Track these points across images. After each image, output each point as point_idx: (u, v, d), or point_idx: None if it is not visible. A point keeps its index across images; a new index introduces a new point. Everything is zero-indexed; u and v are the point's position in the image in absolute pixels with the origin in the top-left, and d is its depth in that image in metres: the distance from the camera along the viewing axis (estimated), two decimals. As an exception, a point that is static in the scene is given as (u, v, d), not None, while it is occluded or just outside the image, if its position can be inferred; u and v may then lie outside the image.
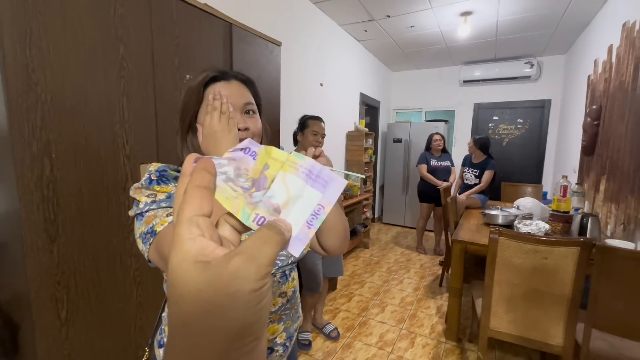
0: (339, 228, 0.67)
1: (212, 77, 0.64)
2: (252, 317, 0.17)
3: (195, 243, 0.18)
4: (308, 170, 0.25)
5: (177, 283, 0.17)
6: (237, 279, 0.17)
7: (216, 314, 0.16)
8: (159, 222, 0.53)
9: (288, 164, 0.26)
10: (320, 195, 0.25)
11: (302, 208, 0.24)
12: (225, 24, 1.50)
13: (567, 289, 1.42)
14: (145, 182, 0.57)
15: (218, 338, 0.16)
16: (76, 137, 1.00)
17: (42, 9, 0.90)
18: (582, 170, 3.05)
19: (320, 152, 0.59)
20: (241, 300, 0.16)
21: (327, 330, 2.15)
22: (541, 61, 4.38)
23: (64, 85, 0.96)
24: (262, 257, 0.18)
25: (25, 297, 0.95)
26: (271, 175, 0.26)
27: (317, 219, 0.24)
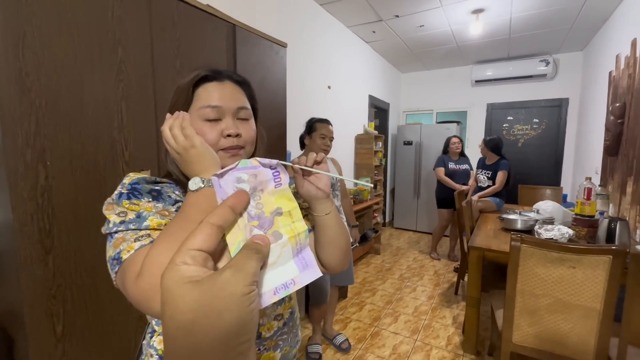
0: (340, 242, 0.61)
1: (204, 76, 0.58)
2: (245, 317, 0.19)
3: (188, 268, 0.20)
4: (300, 247, 0.28)
5: (171, 299, 0.19)
6: (229, 285, 0.19)
7: (215, 315, 0.18)
8: (125, 247, 0.48)
9: (295, 238, 0.28)
10: (298, 273, 0.27)
11: (278, 274, 0.26)
12: (229, 25, 1.46)
13: (598, 301, 1.30)
14: (115, 197, 0.52)
15: (219, 336, 0.18)
16: (72, 143, 0.96)
17: (36, 11, 0.86)
18: (606, 172, 2.90)
19: (322, 158, 0.54)
20: (235, 302, 0.19)
21: (337, 341, 2.06)
22: (557, 59, 4.23)
23: (59, 90, 0.92)
24: (247, 268, 0.21)
25: (19, 311, 0.91)
26: (277, 225, 0.28)
27: (284, 290, 0.26)
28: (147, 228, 0.49)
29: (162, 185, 0.56)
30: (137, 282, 0.43)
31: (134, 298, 0.44)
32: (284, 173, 0.29)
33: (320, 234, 0.62)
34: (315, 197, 0.58)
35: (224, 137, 0.57)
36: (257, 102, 0.66)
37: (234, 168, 0.29)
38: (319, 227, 0.61)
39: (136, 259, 0.45)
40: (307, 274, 0.28)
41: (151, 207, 0.51)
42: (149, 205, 0.51)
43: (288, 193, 0.29)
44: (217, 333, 0.18)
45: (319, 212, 0.59)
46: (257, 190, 0.29)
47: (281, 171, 0.29)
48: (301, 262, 0.28)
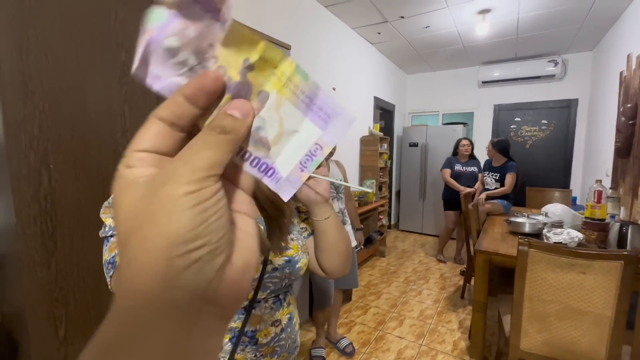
0: (339, 247, 0.60)
1: None
2: (191, 220, 0.15)
3: (131, 172, 0.17)
4: (309, 97, 0.20)
5: (116, 212, 0.17)
6: (167, 184, 0.15)
7: (147, 223, 0.15)
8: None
9: (286, 85, 0.20)
10: (320, 133, 0.20)
11: (296, 146, 0.20)
12: (232, 27, 1.46)
13: (609, 308, 1.27)
14: (111, 201, 0.51)
15: (153, 247, 0.15)
16: (75, 146, 0.96)
17: (39, 14, 0.87)
18: (617, 174, 2.83)
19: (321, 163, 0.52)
20: (172, 204, 0.15)
21: (341, 345, 2.04)
22: (566, 59, 4.16)
23: (62, 93, 0.92)
24: (197, 160, 0.16)
25: (21, 314, 0.91)
26: (257, 83, 0.19)
27: (312, 162, 0.20)
28: None
29: None
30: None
31: None
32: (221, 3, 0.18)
33: (319, 239, 0.60)
34: (315, 201, 0.57)
35: None
36: None
37: (150, 40, 0.18)
38: (318, 232, 0.60)
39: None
40: (336, 127, 0.20)
41: None
42: None
43: (246, 32, 0.19)
44: (151, 243, 0.15)
45: (318, 216, 0.58)
46: (205, 49, 0.19)
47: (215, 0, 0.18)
48: (319, 114, 0.20)
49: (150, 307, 0.15)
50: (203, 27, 0.18)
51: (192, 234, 0.15)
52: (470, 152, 3.53)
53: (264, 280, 0.57)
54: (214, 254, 0.16)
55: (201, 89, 0.17)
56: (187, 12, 0.18)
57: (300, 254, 0.64)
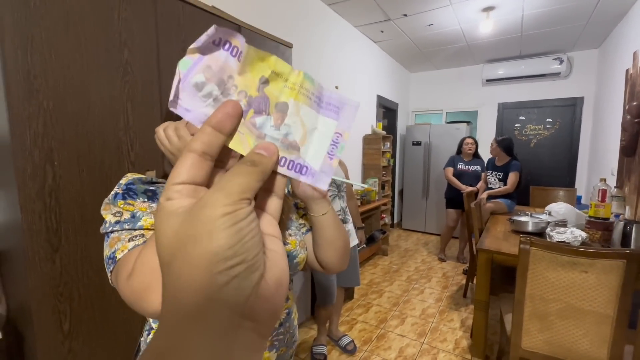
0: (337, 243, 0.60)
1: None
2: (229, 239, 0.17)
3: (172, 203, 0.18)
4: (318, 97, 0.23)
5: (157, 239, 0.18)
6: (206, 207, 0.17)
7: (190, 243, 0.17)
8: (120, 247, 0.48)
9: (300, 92, 0.23)
10: (336, 123, 0.23)
11: (320, 140, 0.23)
12: (234, 26, 1.47)
13: (611, 307, 1.26)
14: (111, 197, 0.52)
15: (197, 263, 0.16)
16: (79, 144, 0.98)
17: (43, 13, 0.88)
18: (622, 173, 2.80)
19: None
20: (212, 224, 0.17)
21: (343, 343, 2.05)
22: (571, 57, 4.12)
23: (66, 91, 0.94)
24: (230, 186, 0.18)
25: (27, 309, 0.93)
26: (273, 96, 0.22)
27: (337, 148, 0.23)
28: (141, 228, 0.49)
29: (158, 185, 0.56)
30: (129, 281, 0.43)
31: (126, 297, 0.44)
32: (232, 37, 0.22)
33: (317, 235, 0.61)
34: (312, 197, 0.57)
35: None
36: None
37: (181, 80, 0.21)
38: (316, 227, 0.61)
39: (129, 259, 0.46)
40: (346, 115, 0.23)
41: (146, 207, 0.51)
42: (144, 205, 0.51)
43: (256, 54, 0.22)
44: (195, 261, 0.16)
45: (315, 212, 0.59)
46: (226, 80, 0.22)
47: (228, 37, 0.21)
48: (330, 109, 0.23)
49: (195, 322, 0.16)
50: (222, 62, 0.22)
51: (231, 251, 0.17)
52: (474, 151, 3.51)
53: None
54: (250, 270, 0.17)
55: (225, 117, 0.20)
56: (209, 53, 0.21)
57: (299, 249, 0.64)
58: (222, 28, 0.21)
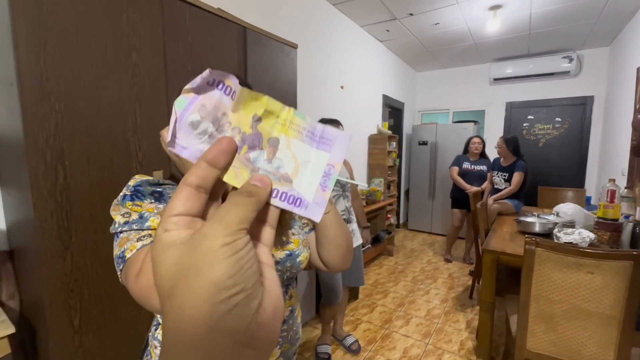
0: (340, 241, 0.61)
1: None
2: (230, 268, 0.17)
3: (170, 235, 0.19)
4: (310, 132, 0.24)
5: (156, 269, 0.19)
6: (206, 238, 0.18)
7: (192, 274, 0.17)
8: (129, 247, 0.51)
9: (290, 127, 0.24)
10: (328, 155, 0.24)
11: (312, 172, 0.23)
12: (239, 27, 1.49)
13: (618, 309, 1.24)
14: (120, 198, 0.54)
15: (199, 293, 0.17)
16: (89, 144, 1.01)
17: (55, 18, 0.91)
18: (632, 173, 2.75)
19: None
20: (213, 255, 0.17)
21: (347, 342, 2.06)
22: (581, 55, 4.05)
23: (76, 93, 0.97)
24: (229, 217, 0.18)
25: (39, 304, 0.96)
26: (266, 132, 0.24)
27: (329, 180, 0.23)
28: (149, 228, 0.51)
29: (165, 187, 0.58)
30: (137, 280, 0.45)
31: (135, 295, 0.46)
32: (226, 78, 0.23)
33: (320, 233, 0.62)
34: None
35: None
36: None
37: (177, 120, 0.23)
38: (318, 226, 0.62)
39: (137, 258, 0.47)
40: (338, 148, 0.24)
41: (153, 208, 0.53)
42: (151, 206, 0.53)
43: (249, 94, 0.24)
44: (197, 291, 0.17)
45: None
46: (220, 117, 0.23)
47: (222, 78, 0.23)
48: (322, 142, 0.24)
49: (197, 352, 0.17)
50: (217, 101, 0.23)
51: (232, 280, 0.17)
52: (481, 151, 3.48)
53: None
54: (249, 298, 0.18)
55: (219, 152, 0.20)
56: (204, 92, 0.23)
57: (301, 248, 0.66)
58: (216, 71, 0.22)
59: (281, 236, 0.62)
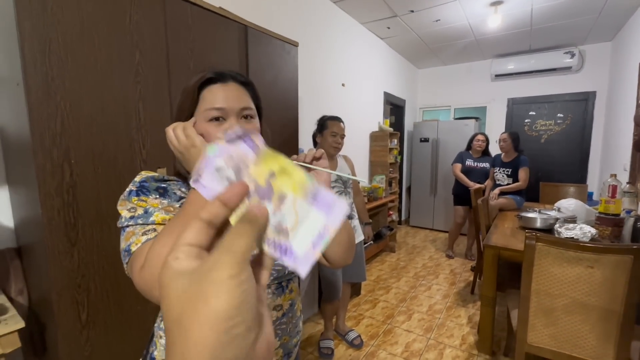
0: (341, 237, 0.63)
1: (209, 78, 0.61)
2: (235, 299, 0.18)
3: (180, 263, 0.21)
4: (313, 194, 0.26)
5: (165, 294, 0.20)
6: (215, 269, 0.19)
7: (200, 302, 0.18)
8: (134, 240, 0.52)
9: (300, 187, 0.26)
10: (325, 218, 0.25)
11: (308, 229, 0.25)
12: (240, 26, 1.50)
13: (618, 303, 1.26)
14: (126, 194, 0.56)
15: (206, 322, 0.18)
16: (94, 143, 1.02)
17: (60, 18, 0.93)
18: (634, 168, 2.75)
19: (321, 154, 0.56)
20: (221, 285, 0.18)
21: (349, 337, 2.08)
22: (583, 50, 4.03)
23: (82, 93, 0.98)
24: (235, 248, 0.20)
25: (48, 300, 0.98)
26: (278, 188, 0.26)
27: (322, 240, 0.25)
28: (154, 223, 0.53)
29: (170, 182, 0.59)
30: (141, 272, 0.46)
31: (139, 287, 0.47)
32: (255, 137, 0.27)
33: None
34: None
35: None
36: (261, 101, 0.69)
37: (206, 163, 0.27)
38: None
39: (142, 252, 0.49)
40: (335, 214, 0.25)
41: (157, 204, 0.55)
42: (156, 201, 0.55)
43: (270, 153, 0.27)
44: (204, 320, 0.18)
45: None
46: (242, 168, 0.27)
47: (252, 137, 0.27)
48: (322, 205, 0.26)
49: None
50: (242, 154, 0.27)
51: (235, 311, 0.18)
52: (485, 148, 3.47)
53: None
54: (248, 330, 0.19)
55: (232, 195, 0.23)
56: (233, 144, 0.27)
57: None
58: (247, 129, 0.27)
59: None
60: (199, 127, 0.61)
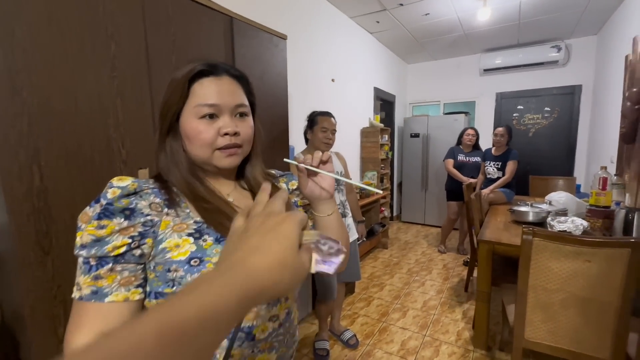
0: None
1: (200, 71, 0.55)
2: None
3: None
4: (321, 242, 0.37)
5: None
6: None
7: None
8: (81, 281, 0.47)
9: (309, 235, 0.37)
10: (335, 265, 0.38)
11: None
12: (226, 17, 1.42)
13: (614, 296, 1.25)
14: (90, 208, 0.48)
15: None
16: (67, 143, 0.94)
17: (24, 7, 0.84)
18: (621, 160, 2.79)
19: (328, 157, 0.54)
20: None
21: (345, 337, 2.04)
22: (569, 44, 4.07)
23: (51, 89, 0.90)
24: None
25: (20, 314, 0.91)
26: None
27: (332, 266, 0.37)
28: (108, 256, 0.45)
29: (143, 193, 0.52)
30: (71, 340, 0.43)
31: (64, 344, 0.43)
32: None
33: None
34: (319, 197, 0.57)
35: (221, 135, 0.55)
36: (255, 97, 0.64)
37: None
38: (320, 228, 0.59)
39: (81, 313, 0.45)
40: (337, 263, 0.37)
41: (115, 226, 0.47)
42: (117, 226, 0.47)
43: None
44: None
45: (321, 212, 0.58)
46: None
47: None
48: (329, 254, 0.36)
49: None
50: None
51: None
52: (475, 142, 3.48)
53: None
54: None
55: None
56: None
57: None
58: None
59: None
60: (188, 124, 0.55)
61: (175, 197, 0.55)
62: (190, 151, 0.57)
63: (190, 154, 0.57)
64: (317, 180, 0.56)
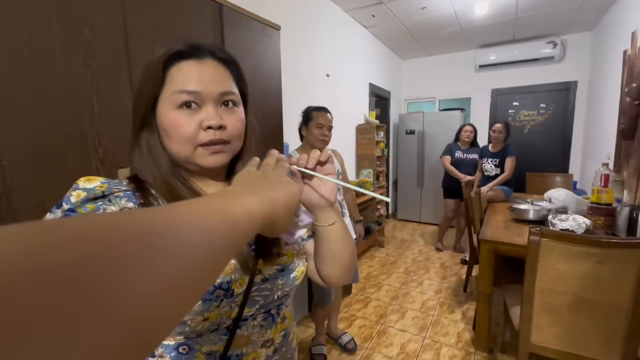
0: (343, 257, 0.51)
1: (179, 52, 0.46)
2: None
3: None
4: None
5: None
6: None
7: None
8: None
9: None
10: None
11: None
12: (215, 4, 1.32)
13: (625, 299, 1.19)
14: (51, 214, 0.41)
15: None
16: (35, 140, 0.84)
17: (-22, -17, 0.73)
18: (620, 157, 2.76)
19: (327, 157, 0.46)
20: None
21: (342, 341, 1.97)
22: (565, 40, 4.04)
23: (14, 78, 0.80)
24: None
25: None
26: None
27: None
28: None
29: (112, 197, 0.43)
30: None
31: None
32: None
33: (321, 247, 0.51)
34: (317, 205, 0.48)
35: (204, 129, 0.46)
36: (248, 86, 0.54)
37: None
38: (320, 238, 0.51)
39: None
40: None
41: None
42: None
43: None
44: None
45: (321, 222, 0.49)
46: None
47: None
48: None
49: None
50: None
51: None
52: (472, 139, 3.42)
53: (251, 293, 0.47)
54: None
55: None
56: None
57: (296, 261, 0.53)
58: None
59: (271, 247, 0.50)
60: (165, 115, 0.46)
61: (152, 201, 0.46)
62: (168, 147, 0.47)
63: (169, 151, 0.48)
64: (314, 185, 0.48)
